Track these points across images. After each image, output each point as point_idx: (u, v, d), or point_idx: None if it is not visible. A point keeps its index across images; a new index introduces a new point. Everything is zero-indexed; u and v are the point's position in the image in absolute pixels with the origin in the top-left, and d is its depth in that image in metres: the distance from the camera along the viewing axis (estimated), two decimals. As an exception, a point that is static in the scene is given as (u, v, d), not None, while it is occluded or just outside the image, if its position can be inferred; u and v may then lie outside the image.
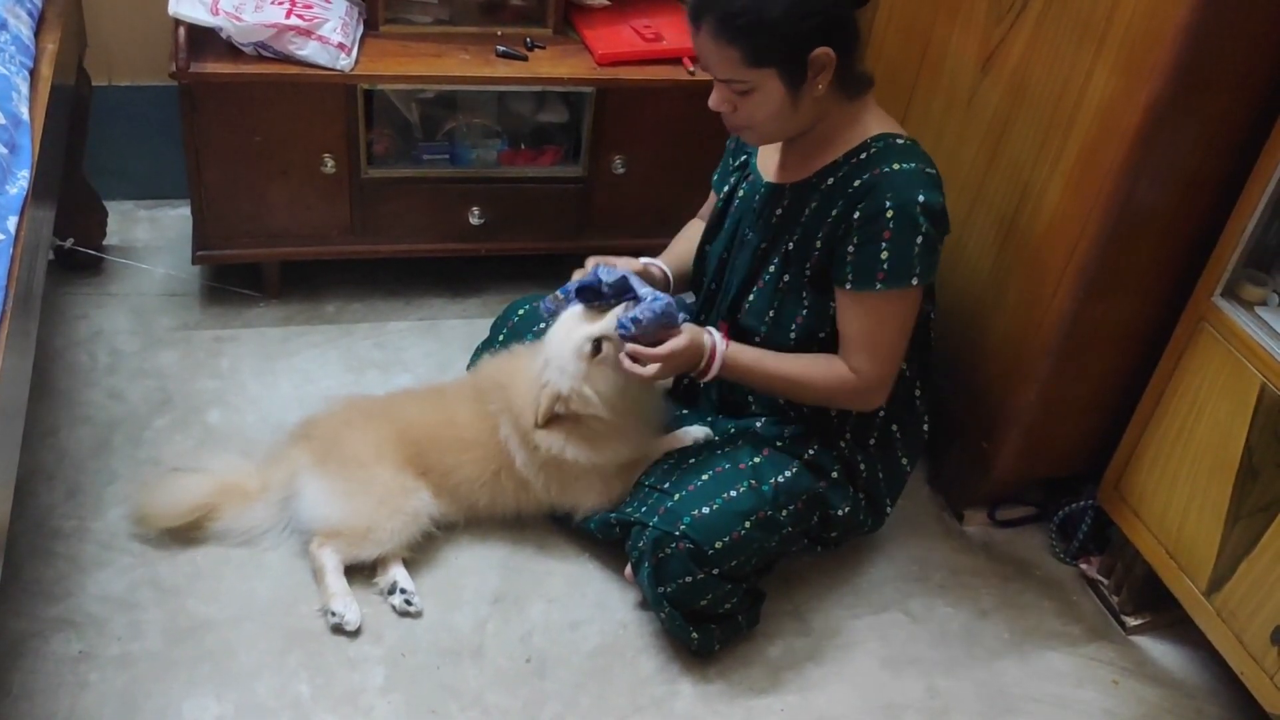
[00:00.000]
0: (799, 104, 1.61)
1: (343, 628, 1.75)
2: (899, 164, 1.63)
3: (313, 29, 2.12)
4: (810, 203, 1.70)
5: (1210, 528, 1.74)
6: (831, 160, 1.69)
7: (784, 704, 1.76)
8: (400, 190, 2.35)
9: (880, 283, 1.63)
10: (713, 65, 1.60)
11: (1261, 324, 1.66)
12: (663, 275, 1.92)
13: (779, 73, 1.57)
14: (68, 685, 1.62)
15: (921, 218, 1.61)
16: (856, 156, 1.67)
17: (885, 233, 1.61)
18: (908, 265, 1.62)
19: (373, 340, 2.38)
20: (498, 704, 1.69)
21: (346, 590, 1.78)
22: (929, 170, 1.65)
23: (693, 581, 1.70)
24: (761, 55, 1.55)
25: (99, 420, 2.07)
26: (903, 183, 1.61)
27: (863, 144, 1.67)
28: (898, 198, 1.60)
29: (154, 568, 1.80)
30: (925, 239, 1.62)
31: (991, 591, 2.02)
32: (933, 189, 1.63)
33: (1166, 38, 1.56)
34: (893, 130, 1.69)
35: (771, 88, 1.59)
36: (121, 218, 2.59)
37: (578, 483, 1.85)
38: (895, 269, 1.62)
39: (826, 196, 1.68)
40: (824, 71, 1.58)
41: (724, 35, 1.55)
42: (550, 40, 2.39)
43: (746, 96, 1.61)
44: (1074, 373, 1.90)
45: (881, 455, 1.86)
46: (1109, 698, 1.86)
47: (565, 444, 1.79)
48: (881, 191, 1.61)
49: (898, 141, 1.67)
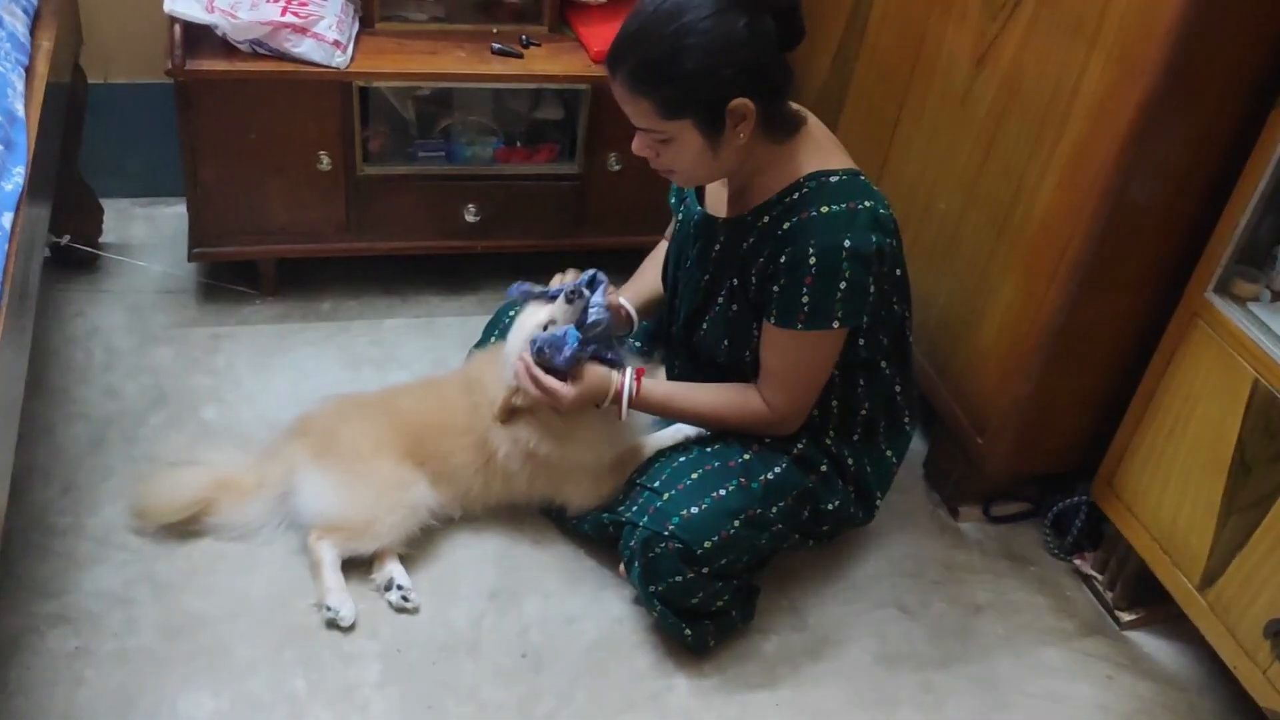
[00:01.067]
0: (719, 153, 1.59)
1: (337, 623, 1.75)
2: (826, 206, 1.60)
3: (308, 26, 2.12)
4: (747, 239, 1.70)
5: (1203, 523, 1.74)
6: (765, 200, 1.67)
7: (779, 699, 1.77)
8: (396, 187, 2.35)
9: (801, 324, 1.63)
10: (630, 114, 1.59)
11: (1254, 320, 1.67)
12: (627, 316, 1.93)
13: (695, 123, 1.55)
14: (63, 681, 1.62)
15: (846, 263, 1.58)
16: (790, 196, 1.64)
17: (807, 278, 1.60)
18: (829, 309, 1.61)
19: (369, 337, 2.38)
20: (493, 699, 1.70)
21: (342, 586, 1.78)
22: (863, 205, 1.60)
23: (683, 580, 1.70)
24: (675, 108, 1.54)
25: (95, 417, 2.07)
26: (827, 228, 1.59)
27: (795, 184, 1.64)
28: (820, 243, 1.58)
29: (150, 564, 1.81)
30: (849, 284, 1.60)
31: (986, 587, 2.03)
32: (863, 229, 1.59)
33: (1159, 35, 1.57)
34: (829, 166, 1.65)
35: (688, 138, 1.57)
36: (118, 215, 2.59)
37: (567, 479, 1.86)
38: (816, 312, 1.62)
39: (761, 235, 1.67)
40: (744, 122, 1.55)
41: (637, 87, 1.54)
42: (546, 38, 2.40)
43: (666, 145, 1.59)
44: (1068, 369, 1.90)
45: (867, 449, 1.86)
46: (1103, 692, 1.86)
47: (534, 438, 1.80)
48: (805, 237, 1.60)
49: (831, 180, 1.63)
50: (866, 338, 1.74)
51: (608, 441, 1.84)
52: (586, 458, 1.83)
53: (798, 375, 1.71)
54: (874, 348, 1.76)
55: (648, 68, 1.52)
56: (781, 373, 1.71)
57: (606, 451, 1.84)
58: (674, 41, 1.49)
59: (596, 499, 1.86)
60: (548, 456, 1.81)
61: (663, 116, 1.55)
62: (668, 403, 1.79)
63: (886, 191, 1.72)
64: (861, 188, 1.64)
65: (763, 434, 1.78)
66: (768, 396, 1.73)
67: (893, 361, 1.82)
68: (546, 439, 1.81)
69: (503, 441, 1.83)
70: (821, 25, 2.52)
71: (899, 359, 1.83)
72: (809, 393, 1.74)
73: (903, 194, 2.17)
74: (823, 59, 2.51)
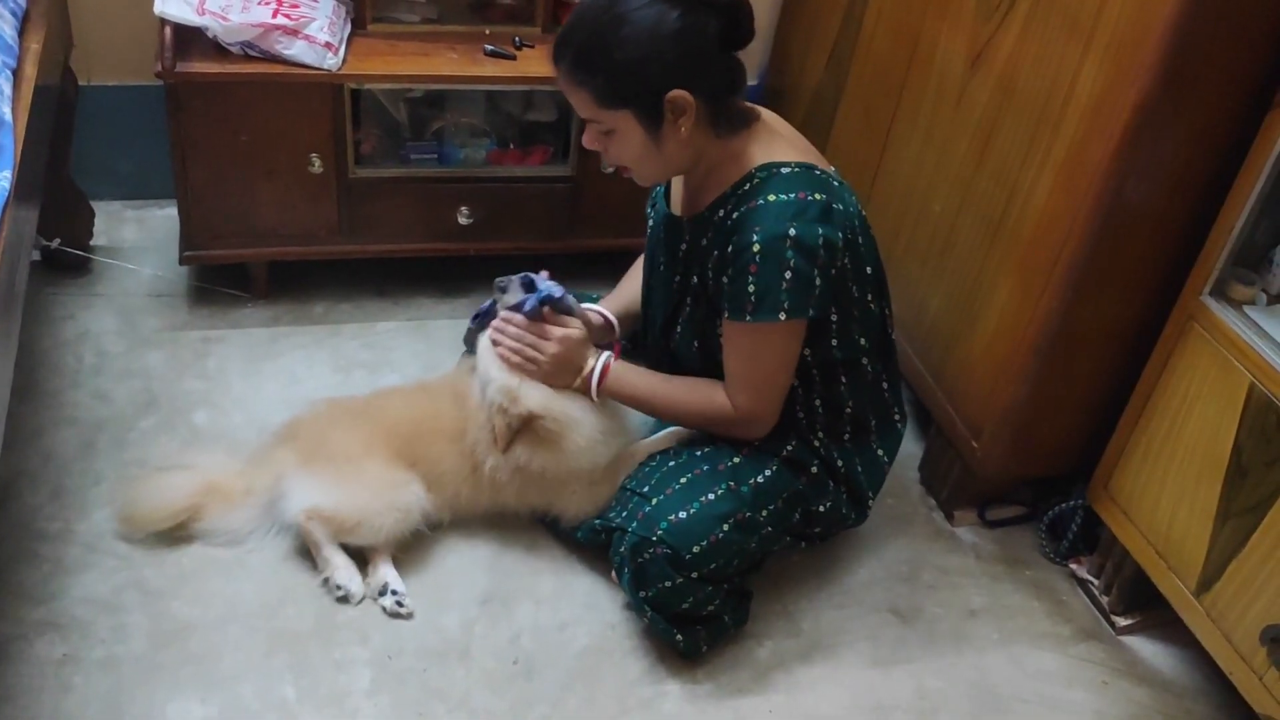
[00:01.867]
0: (662, 146, 1.61)
1: (348, 600, 1.76)
2: (774, 195, 1.60)
3: (300, 28, 2.11)
4: (706, 234, 1.70)
5: (1199, 527, 1.73)
6: (720, 194, 1.67)
7: (772, 705, 1.76)
8: (388, 190, 2.34)
9: (749, 315, 1.62)
10: (573, 104, 1.63)
11: (1250, 323, 1.66)
12: (604, 321, 1.93)
13: (634, 114, 1.58)
14: (51, 688, 1.61)
15: (789, 251, 1.57)
16: (742, 187, 1.64)
17: (751, 266, 1.59)
18: (775, 299, 1.60)
19: (361, 340, 2.37)
20: (485, 706, 1.68)
21: (348, 561, 1.79)
22: (814, 197, 1.59)
23: (673, 586, 1.69)
24: (611, 97, 1.57)
25: (84, 421, 2.05)
26: (772, 216, 1.58)
27: (746, 175, 1.64)
28: (764, 231, 1.58)
29: (139, 570, 1.79)
30: (794, 274, 1.58)
31: (981, 591, 2.02)
32: (810, 221, 1.58)
33: (1154, 35, 1.56)
34: (782, 159, 1.64)
35: (629, 129, 1.60)
36: (108, 218, 2.58)
37: (561, 490, 1.85)
38: (762, 302, 1.60)
39: (717, 229, 1.67)
40: (684, 115, 1.57)
41: (575, 76, 1.58)
42: (539, 39, 2.39)
43: (609, 137, 1.63)
44: (1063, 372, 1.89)
45: (857, 449, 1.85)
46: (1098, 698, 1.85)
47: (529, 454, 1.79)
48: (750, 225, 1.59)
49: (782, 171, 1.63)
50: (839, 337, 1.73)
51: (601, 446, 1.82)
52: (580, 465, 1.81)
53: (756, 373, 1.68)
54: (850, 346, 1.75)
55: (584, 56, 1.57)
56: (740, 371, 1.69)
57: (600, 457, 1.82)
58: (608, 31, 1.54)
59: (591, 507, 1.85)
60: (541, 469, 1.80)
61: (601, 106, 1.59)
62: (636, 388, 1.78)
63: (881, 192, 1.71)
64: (816, 181, 1.62)
65: (730, 435, 1.77)
66: (731, 395, 1.71)
67: (876, 359, 1.81)
68: (538, 452, 1.79)
69: (487, 455, 1.82)
70: (816, 26, 2.51)
71: (882, 356, 1.82)
72: (770, 393, 1.71)
73: (898, 195, 2.16)
74: (818, 60, 2.50)
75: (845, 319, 1.71)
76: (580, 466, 1.81)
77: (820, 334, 1.71)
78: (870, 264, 1.72)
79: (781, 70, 2.70)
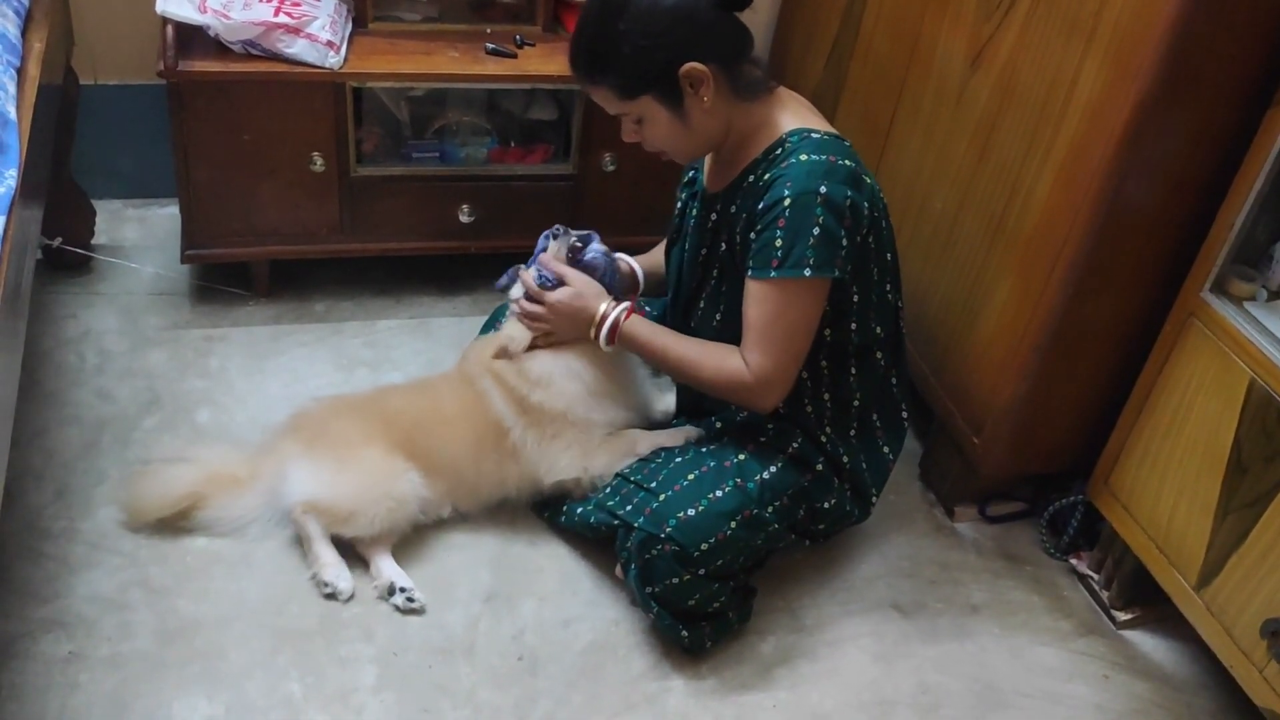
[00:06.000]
0: (689, 121, 1.65)
1: (336, 597, 1.76)
2: (806, 155, 1.62)
3: (301, 27, 2.11)
4: (736, 200, 1.72)
5: (1200, 522, 1.74)
6: (752, 159, 1.70)
7: (776, 700, 1.76)
8: (390, 188, 2.34)
9: (775, 270, 1.62)
10: (600, 104, 1.69)
11: (1250, 319, 1.67)
12: (630, 270, 1.97)
13: (656, 98, 1.63)
14: (57, 686, 1.61)
15: (819, 208, 1.59)
16: (774, 151, 1.67)
17: (780, 220, 1.61)
18: (801, 254, 1.60)
19: (362, 339, 2.37)
20: (490, 702, 1.69)
21: (338, 559, 1.79)
22: (843, 163, 1.62)
23: (679, 582, 1.70)
24: (629, 88, 1.63)
25: (87, 420, 2.06)
26: (804, 173, 1.61)
27: (779, 140, 1.67)
28: (796, 187, 1.60)
29: (144, 568, 1.80)
30: (823, 230, 1.60)
31: (982, 587, 2.03)
32: (839, 182, 1.60)
33: (1154, 35, 1.57)
34: (812, 125, 1.68)
35: (655, 113, 1.65)
36: (110, 217, 2.58)
37: (555, 440, 1.86)
38: (788, 256, 1.61)
39: (747, 193, 1.69)
40: (704, 85, 1.61)
41: (591, 78, 1.65)
42: (540, 38, 2.39)
43: (641, 125, 1.69)
44: (1064, 369, 1.90)
45: (863, 445, 1.86)
46: (1100, 692, 1.86)
47: (555, 364, 1.85)
48: (783, 182, 1.62)
49: (814, 135, 1.65)
50: (858, 320, 1.74)
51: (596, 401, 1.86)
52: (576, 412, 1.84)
53: (776, 330, 1.66)
54: (866, 333, 1.76)
55: (594, 58, 1.63)
56: (759, 328, 1.67)
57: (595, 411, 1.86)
58: (609, 28, 1.58)
59: (581, 472, 1.86)
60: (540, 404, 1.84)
61: (623, 99, 1.64)
62: (651, 340, 1.78)
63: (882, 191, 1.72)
64: (847, 150, 1.66)
65: (740, 400, 1.74)
66: (747, 357, 1.69)
67: (887, 351, 1.82)
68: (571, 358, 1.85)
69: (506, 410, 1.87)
70: (816, 25, 2.52)
71: (893, 350, 1.83)
72: (786, 357, 1.68)
73: (898, 193, 2.17)
74: (817, 59, 2.51)
75: (865, 303, 1.73)
76: (576, 414, 1.84)
77: (842, 314, 1.72)
78: (890, 251, 1.75)
79: (781, 70, 2.70)
